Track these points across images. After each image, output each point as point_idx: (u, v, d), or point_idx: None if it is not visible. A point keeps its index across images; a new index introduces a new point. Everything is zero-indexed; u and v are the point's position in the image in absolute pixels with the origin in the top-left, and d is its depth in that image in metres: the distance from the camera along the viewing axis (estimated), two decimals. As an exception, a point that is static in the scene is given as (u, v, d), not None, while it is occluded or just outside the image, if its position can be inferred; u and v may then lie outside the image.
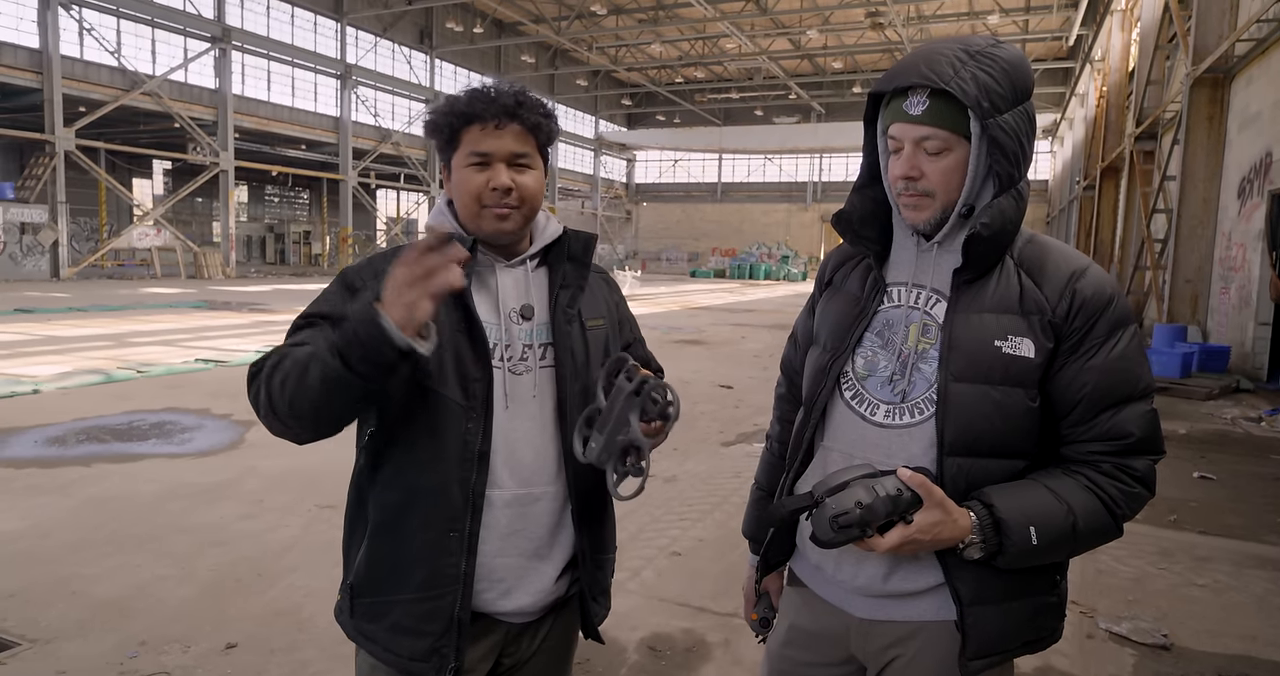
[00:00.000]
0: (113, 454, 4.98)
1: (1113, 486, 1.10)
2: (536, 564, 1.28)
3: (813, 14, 31.07)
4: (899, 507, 1.04)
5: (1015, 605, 1.13)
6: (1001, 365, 1.09)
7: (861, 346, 1.20)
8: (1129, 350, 1.11)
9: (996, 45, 1.09)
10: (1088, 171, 22.86)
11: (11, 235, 21.88)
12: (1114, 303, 1.11)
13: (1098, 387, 1.10)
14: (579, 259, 1.32)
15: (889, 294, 1.20)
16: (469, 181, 1.22)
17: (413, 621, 1.22)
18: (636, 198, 51.20)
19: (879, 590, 1.16)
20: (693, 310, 19.25)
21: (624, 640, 2.73)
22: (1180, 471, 5.23)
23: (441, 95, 32.36)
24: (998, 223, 1.09)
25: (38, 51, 21.40)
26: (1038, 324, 1.10)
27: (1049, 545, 1.07)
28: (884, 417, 1.16)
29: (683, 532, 3.79)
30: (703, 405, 6.81)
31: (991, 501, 1.07)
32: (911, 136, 1.10)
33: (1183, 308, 11.22)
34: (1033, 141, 1.12)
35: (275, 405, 1.11)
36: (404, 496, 1.23)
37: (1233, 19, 10.76)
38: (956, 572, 1.11)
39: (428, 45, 34.48)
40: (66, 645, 2.59)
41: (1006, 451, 1.11)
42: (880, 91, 1.14)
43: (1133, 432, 1.10)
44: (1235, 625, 2.99)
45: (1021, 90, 1.08)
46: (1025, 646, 1.17)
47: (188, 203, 33.49)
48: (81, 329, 11.45)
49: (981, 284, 1.13)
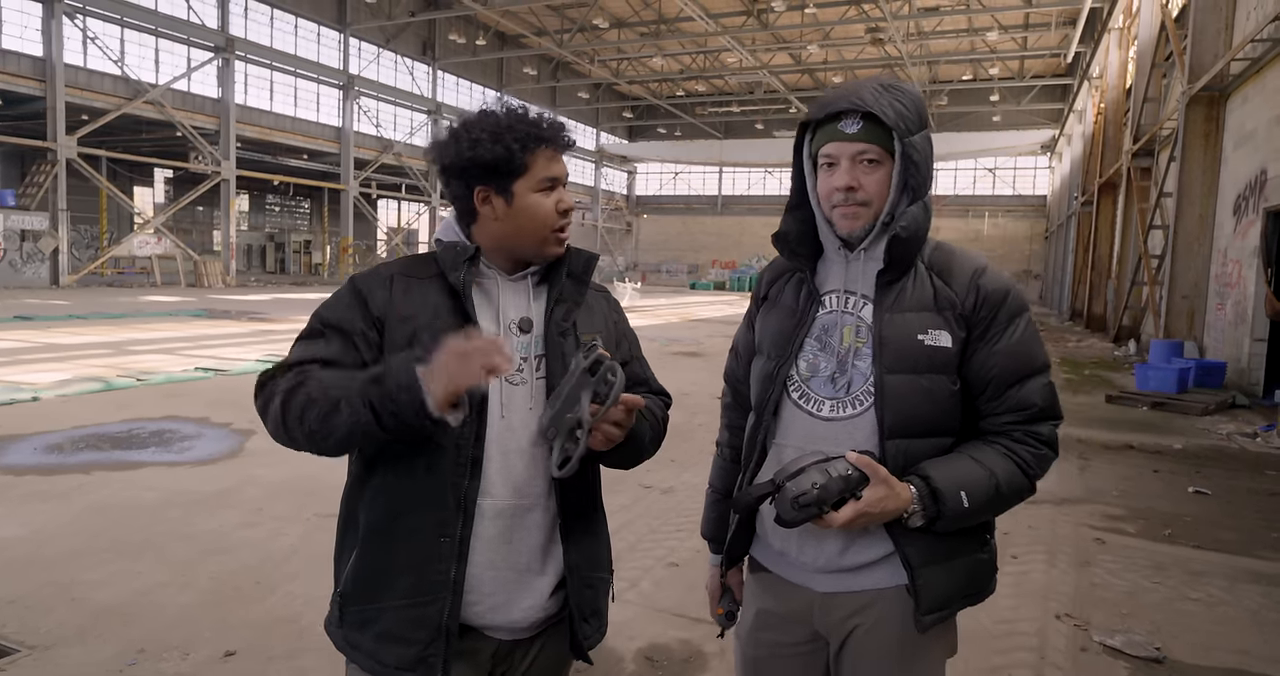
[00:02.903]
0: (112, 461, 4.99)
1: (1024, 450, 1.28)
2: (529, 578, 1.28)
3: (813, 29, 31.29)
4: (849, 486, 1.18)
5: (956, 564, 1.29)
6: (926, 356, 1.26)
7: (803, 351, 1.34)
8: (1026, 334, 1.29)
9: (901, 82, 1.30)
10: (1085, 187, 22.99)
11: (12, 242, 21.93)
12: (1010, 294, 1.30)
13: (1004, 367, 1.28)
14: (578, 276, 1.34)
15: (823, 302, 1.35)
16: (542, 206, 1.26)
17: (401, 628, 1.21)
18: (637, 210, 51.35)
19: (836, 565, 1.30)
20: (692, 322, 19.29)
21: (621, 650, 2.74)
22: (1175, 486, 5.26)
23: (443, 106, 32.24)
24: (913, 226, 1.27)
25: (41, 60, 21.53)
26: (951, 318, 1.28)
27: (978, 506, 1.24)
28: (829, 412, 1.30)
29: (680, 543, 3.81)
30: (700, 417, 6.83)
31: (927, 474, 1.23)
32: (849, 152, 1.26)
33: (1179, 323, 11.27)
34: (932, 162, 1.31)
35: (289, 427, 1.17)
36: (396, 501, 1.23)
37: (1228, 38, 10.88)
38: (905, 541, 1.26)
39: (430, 57, 34.69)
40: (66, 652, 2.60)
41: (936, 431, 1.28)
42: (810, 120, 1.32)
43: (1035, 403, 1.29)
44: (1228, 639, 3.00)
45: (923, 119, 1.28)
46: (965, 599, 1.32)
47: (189, 211, 33.60)
48: (81, 336, 11.47)
49: (900, 286, 1.30)
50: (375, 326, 1.23)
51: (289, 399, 1.15)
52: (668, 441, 1.50)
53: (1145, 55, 15.03)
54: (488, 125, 1.23)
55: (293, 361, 1.22)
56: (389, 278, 1.26)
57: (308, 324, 1.27)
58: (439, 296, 1.25)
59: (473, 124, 1.25)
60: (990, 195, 43.30)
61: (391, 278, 1.26)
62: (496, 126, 1.23)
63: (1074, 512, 4.60)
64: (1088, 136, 23.69)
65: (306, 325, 1.27)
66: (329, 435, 1.13)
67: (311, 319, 1.27)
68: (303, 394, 1.14)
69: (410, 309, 1.24)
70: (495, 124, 1.24)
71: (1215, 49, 10.95)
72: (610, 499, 5.31)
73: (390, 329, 1.23)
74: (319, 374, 1.17)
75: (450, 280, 1.25)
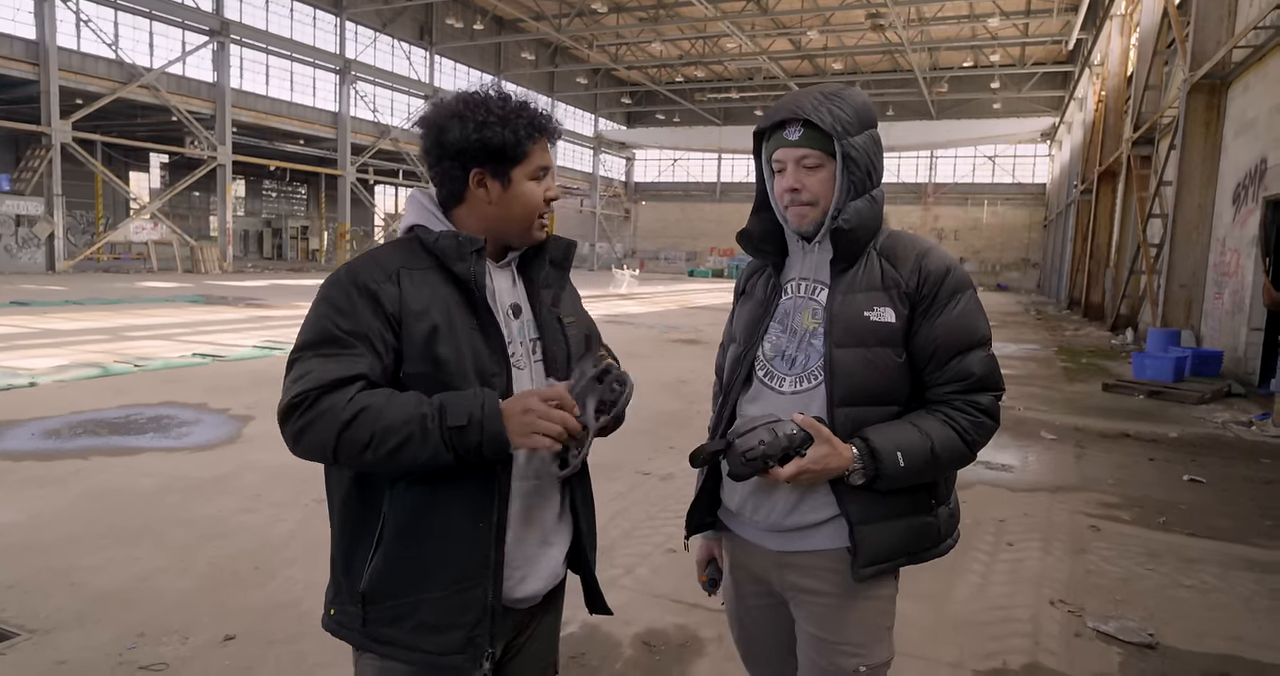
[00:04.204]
0: (110, 447, 4.99)
1: (963, 418, 1.38)
2: (546, 549, 1.36)
3: (813, 15, 31.10)
4: (794, 444, 1.31)
5: (897, 524, 1.40)
6: (871, 330, 1.38)
7: (768, 334, 1.48)
8: (967, 309, 1.40)
9: (845, 88, 1.41)
10: (1085, 175, 22.93)
11: (7, 227, 21.85)
12: (951, 272, 1.40)
13: (945, 340, 1.38)
14: (559, 263, 1.40)
15: (784, 290, 1.49)
16: (534, 193, 1.32)
17: (440, 617, 1.23)
18: (635, 196, 51.20)
19: (782, 524, 1.43)
20: (690, 309, 19.28)
21: (618, 635, 2.76)
22: (1170, 474, 5.28)
23: (440, 91, 32.15)
24: (855, 220, 1.39)
25: (34, 43, 21.35)
26: (895, 296, 1.39)
27: (914, 467, 1.34)
28: (790, 387, 1.43)
29: (678, 529, 3.79)
30: (699, 404, 6.83)
31: (867, 436, 1.35)
32: (792, 157, 1.40)
33: (1177, 312, 11.28)
34: (880, 159, 1.42)
35: (341, 456, 1.16)
36: (429, 494, 1.23)
37: (1230, 25, 10.82)
38: (847, 500, 1.38)
39: (427, 41, 34.43)
40: (66, 636, 2.61)
41: (882, 399, 1.39)
42: (762, 129, 1.46)
43: (974, 373, 1.39)
44: (1221, 625, 3.03)
45: (866, 121, 1.40)
46: (909, 557, 1.42)
47: (185, 196, 33.41)
48: (78, 322, 11.44)
49: (853, 272, 1.42)
50: (391, 326, 1.21)
51: (348, 429, 1.14)
52: (666, 428, 1.53)
53: (1147, 42, 14.96)
54: (495, 109, 1.25)
55: (329, 381, 1.16)
56: (395, 272, 1.24)
57: (321, 330, 1.21)
58: (445, 288, 1.25)
59: (478, 106, 1.26)
60: (989, 183, 43.22)
61: (398, 272, 1.24)
62: (505, 111, 1.25)
63: (1070, 500, 4.62)
64: (1088, 124, 23.61)
65: (318, 331, 1.21)
66: (394, 466, 1.18)
67: (323, 324, 1.21)
68: (364, 427, 1.14)
69: (421, 303, 1.22)
70: (503, 108, 1.26)
71: (1217, 36, 10.89)
72: (608, 486, 5.31)
73: (407, 325, 1.22)
74: (374, 402, 1.15)
75: (457, 271, 1.24)
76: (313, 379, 1.16)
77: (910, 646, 2.70)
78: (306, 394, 1.15)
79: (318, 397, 1.15)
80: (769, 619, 1.55)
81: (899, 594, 1.50)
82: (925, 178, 44.43)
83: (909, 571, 1.48)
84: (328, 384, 1.16)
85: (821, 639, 1.43)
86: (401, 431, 1.13)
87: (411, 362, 1.22)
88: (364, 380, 1.18)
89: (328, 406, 1.15)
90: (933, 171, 44.53)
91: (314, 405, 1.15)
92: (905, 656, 2.64)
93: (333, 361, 1.18)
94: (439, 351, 1.21)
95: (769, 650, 1.58)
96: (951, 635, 2.87)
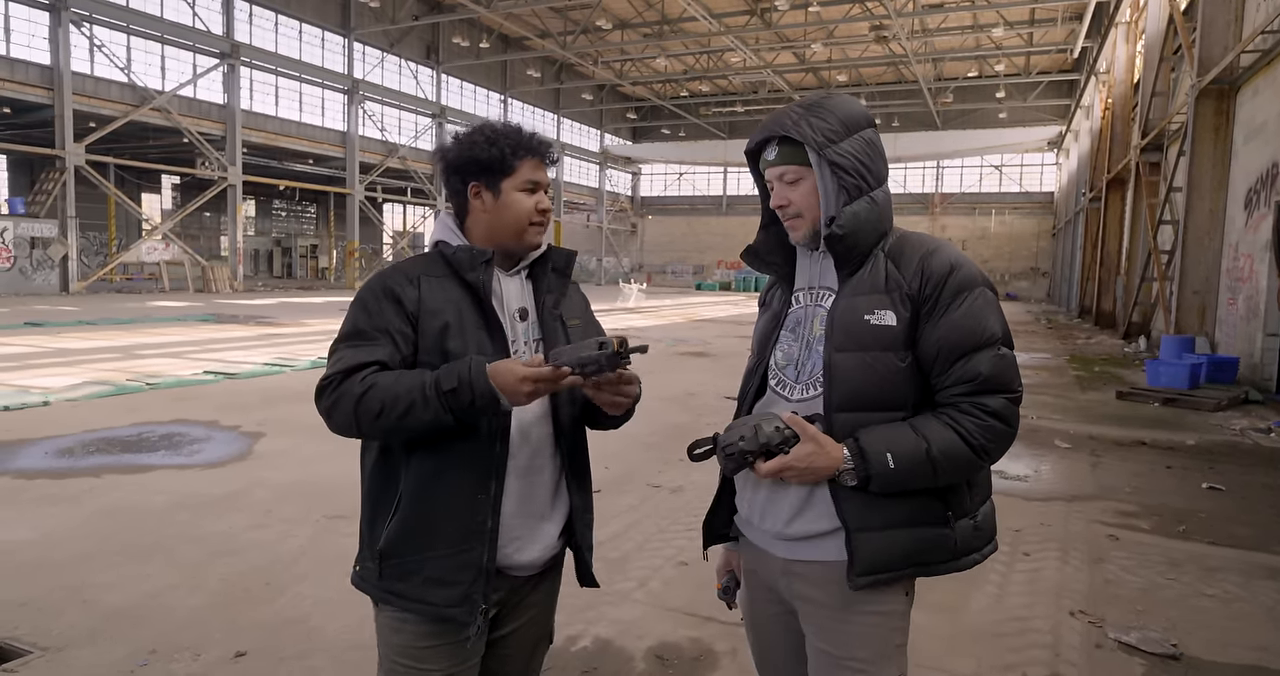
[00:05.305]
0: (122, 465, 5.00)
1: (969, 421, 1.32)
2: (541, 523, 1.53)
3: (817, 28, 31.24)
4: (775, 441, 1.32)
5: (898, 533, 1.35)
6: (871, 334, 1.35)
7: (779, 343, 1.49)
8: (974, 308, 1.34)
9: (827, 97, 1.42)
10: (1093, 184, 22.88)
11: (22, 249, 22.07)
12: (955, 271, 1.35)
13: (950, 340, 1.33)
14: (561, 271, 1.59)
15: (795, 299, 1.50)
16: (522, 203, 1.50)
17: (444, 573, 1.42)
18: (641, 211, 51.36)
19: (784, 533, 1.42)
20: (697, 322, 19.28)
21: (631, 649, 2.73)
22: (1189, 482, 5.21)
23: (447, 110, 32.54)
24: (852, 223, 1.37)
25: (49, 68, 21.65)
26: (897, 298, 1.35)
27: (906, 469, 1.30)
28: (798, 395, 1.43)
29: (690, 542, 3.79)
30: (708, 417, 6.80)
31: (858, 436, 1.33)
32: (774, 175, 1.43)
33: (1190, 319, 11.19)
34: (877, 159, 1.40)
35: (361, 424, 1.37)
36: (439, 465, 1.43)
37: (1237, 30, 10.80)
38: (844, 505, 1.35)
39: (434, 60, 34.77)
40: (78, 653, 2.61)
41: (884, 405, 1.35)
42: (749, 152, 1.50)
43: (981, 372, 1.32)
44: (1245, 635, 2.97)
45: (853, 125, 1.38)
46: (914, 568, 1.37)
47: (196, 217, 33.77)
48: (90, 342, 11.53)
49: (859, 275, 1.40)
50: (410, 322, 1.44)
51: (361, 402, 1.36)
52: (676, 442, 1.55)
53: (1153, 49, 14.95)
54: (487, 133, 1.50)
55: (353, 366, 1.39)
56: (416, 277, 1.46)
57: (352, 325, 1.45)
58: (458, 292, 1.47)
59: (474, 131, 1.51)
60: (997, 192, 43.13)
61: (419, 277, 1.46)
62: (493, 133, 1.49)
63: (1086, 509, 4.57)
64: (1095, 132, 23.58)
65: (351, 327, 1.45)
66: (404, 430, 1.37)
67: (354, 321, 1.45)
68: (375, 399, 1.35)
69: (437, 304, 1.45)
70: (492, 131, 1.50)
71: (1225, 41, 10.87)
72: (619, 499, 5.29)
73: (423, 322, 1.44)
74: (382, 379, 1.37)
75: (469, 279, 1.46)
76: (340, 365, 1.41)
77: (927, 658, 2.66)
78: (333, 377, 1.40)
79: (341, 380, 1.39)
80: (782, 627, 1.53)
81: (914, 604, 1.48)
82: (932, 188, 44.37)
83: (924, 580, 1.45)
84: (351, 368, 1.39)
85: (827, 653, 1.41)
86: (406, 399, 1.34)
87: (426, 354, 1.43)
88: (380, 365, 1.40)
89: (348, 386, 1.38)
90: (939, 181, 44.49)
91: (339, 386, 1.39)
92: (922, 668, 2.60)
93: (358, 350, 1.42)
94: (449, 345, 1.42)
95: (783, 659, 1.55)
96: (969, 646, 2.83)
